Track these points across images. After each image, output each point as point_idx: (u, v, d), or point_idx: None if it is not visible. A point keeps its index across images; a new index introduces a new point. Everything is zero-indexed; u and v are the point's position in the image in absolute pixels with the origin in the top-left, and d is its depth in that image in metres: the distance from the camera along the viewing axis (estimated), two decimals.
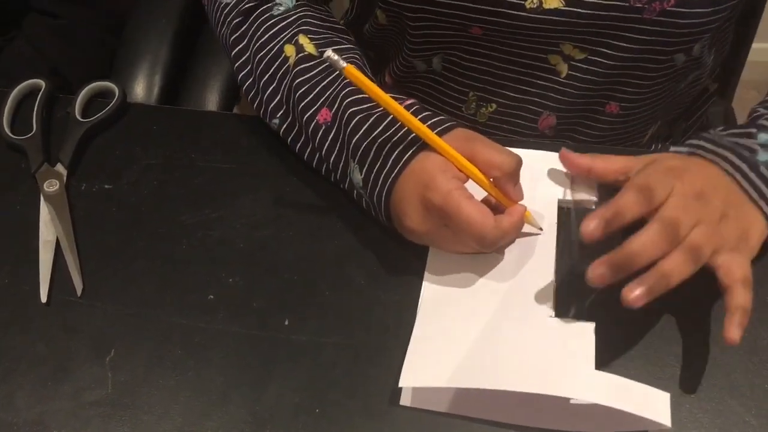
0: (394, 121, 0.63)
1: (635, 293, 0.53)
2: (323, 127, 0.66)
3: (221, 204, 0.69)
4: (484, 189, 0.62)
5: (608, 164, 0.64)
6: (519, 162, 0.61)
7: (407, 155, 0.62)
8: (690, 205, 0.57)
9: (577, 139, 0.81)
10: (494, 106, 0.80)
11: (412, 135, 0.62)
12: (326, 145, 0.66)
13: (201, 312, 0.63)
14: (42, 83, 0.77)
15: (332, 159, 0.66)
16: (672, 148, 0.64)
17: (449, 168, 0.60)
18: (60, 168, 0.72)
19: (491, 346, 0.58)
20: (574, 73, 0.74)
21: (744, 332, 0.54)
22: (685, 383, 0.58)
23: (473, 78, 0.78)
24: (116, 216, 0.69)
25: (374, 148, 0.63)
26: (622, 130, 0.81)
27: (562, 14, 0.69)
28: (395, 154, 0.62)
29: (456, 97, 0.81)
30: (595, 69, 0.74)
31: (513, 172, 0.61)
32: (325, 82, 0.67)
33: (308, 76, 0.68)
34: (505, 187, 0.62)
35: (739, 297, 0.55)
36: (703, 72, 0.81)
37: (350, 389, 0.58)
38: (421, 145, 0.62)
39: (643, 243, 0.54)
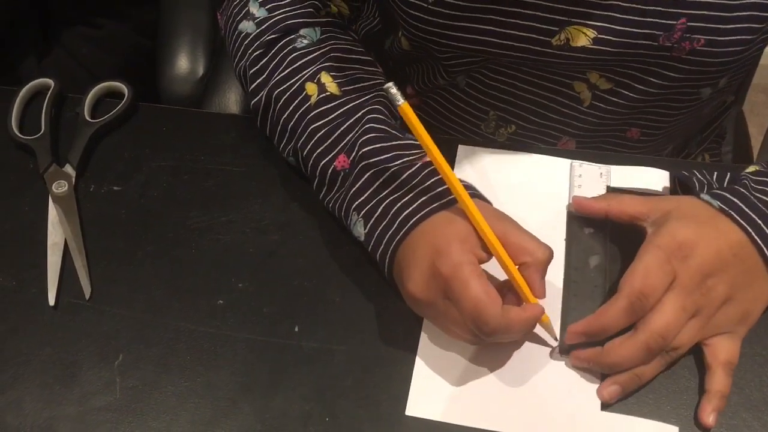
0: (408, 180, 0.60)
1: (609, 390, 0.57)
2: (341, 174, 0.63)
3: (231, 208, 0.69)
4: (507, 273, 0.57)
5: (624, 208, 0.62)
6: (551, 253, 0.57)
7: (415, 218, 0.58)
8: (688, 302, 0.55)
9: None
10: (513, 127, 0.79)
11: (425, 197, 0.59)
12: (341, 190, 0.64)
13: (210, 317, 0.62)
14: (51, 82, 0.77)
15: (345, 206, 0.63)
16: (703, 196, 0.60)
17: (469, 240, 0.56)
18: (69, 169, 0.71)
19: (496, 382, 0.58)
20: (597, 103, 0.73)
21: (719, 416, 0.56)
22: (699, 397, 0.57)
23: (495, 97, 0.77)
24: (125, 218, 0.68)
25: (382, 206, 0.60)
26: (641, 152, 0.80)
27: (589, 52, 0.67)
28: (403, 215, 0.59)
29: (476, 115, 0.80)
30: (619, 101, 0.73)
31: (544, 262, 0.57)
32: (345, 127, 0.64)
33: (329, 119, 0.65)
34: (531, 277, 0.56)
35: (719, 382, 0.57)
36: (727, 96, 0.80)
37: (360, 397, 0.58)
38: (434, 209, 0.58)
39: (626, 356, 0.56)
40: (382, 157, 0.62)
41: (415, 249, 0.57)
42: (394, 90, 0.57)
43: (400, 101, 0.57)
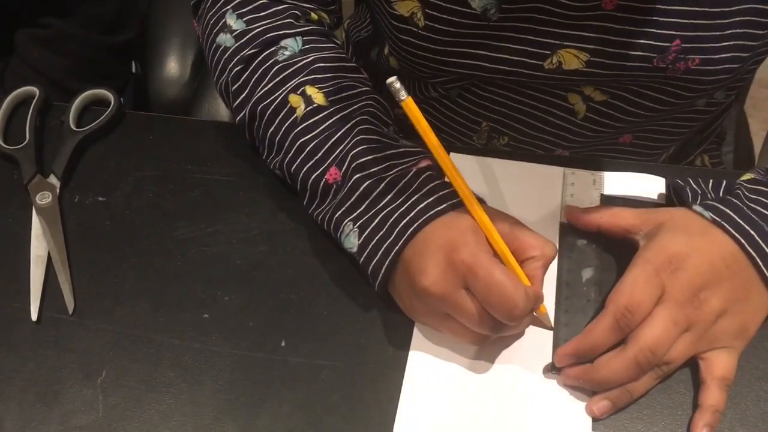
0: (404, 188, 0.59)
1: (599, 406, 0.55)
2: (333, 186, 0.61)
3: (217, 218, 0.68)
4: (508, 267, 0.56)
5: (616, 221, 0.61)
6: (557, 250, 0.58)
7: (417, 223, 0.57)
8: (680, 316, 0.54)
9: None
10: (506, 139, 0.77)
11: (426, 202, 0.57)
12: (332, 203, 0.62)
13: (195, 332, 0.61)
14: (36, 90, 0.75)
15: (337, 218, 0.61)
16: (695, 207, 0.59)
17: (481, 233, 0.55)
18: (53, 179, 0.70)
19: (487, 401, 0.57)
20: (592, 115, 0.72)
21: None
22: (694, 412, 0.56)
23: (488, 108, 0.75)
24: (110, 230, 0.67)
25: (379, 217, 0.59)
26: (635, 156, 0.79)
27: (582, 74, 0.66)
28: (402, 224, 0.57)
29: (468, 126, 0.78)
30: (614, 113, 0.72)
31: (551, 257, 0.57)
32: (335, 139, 0.62)
33: (317, 131, 0.63)
34: (536, 272, 0.56)
35: (713, 397, 0.55)
36: (723, 103, 0.78)
37: (347, 414, 0.57)
38: (441, 210, 0.57)
39: (615, 372, 0.54)
40: (375, 168, 0.60)
41: (425, 247, 0.56)
42: (397, 85, 0.54)
43: (404, 97, 0.54)
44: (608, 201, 0.67)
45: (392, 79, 0.54)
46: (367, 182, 0.60)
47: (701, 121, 0.77)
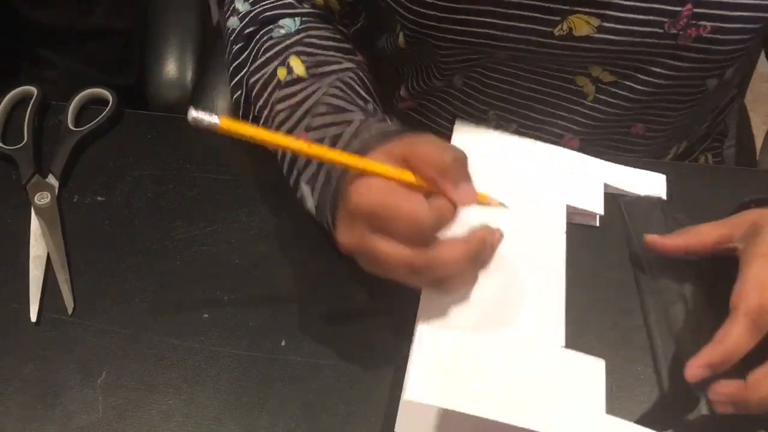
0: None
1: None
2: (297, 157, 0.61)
3: (217, 218, 0.67)
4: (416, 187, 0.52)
5: (702, 238, 0.59)
6: (456, 159, 0.51)
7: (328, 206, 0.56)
8: None
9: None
10: (515, 126, 0.77)
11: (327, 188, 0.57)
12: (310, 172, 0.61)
13: (195, 332, 0.61)
14: (34, 90, 0.75)
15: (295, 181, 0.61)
16: None
17: (371, 176, 0.51)
18: (51, 179, 0.69)
19: (500, 370, 0.55)
20: (601, 96, 0.72)
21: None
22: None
23: (494, 96, 0.75)
24: (109, 230, 0.67)
25: (322, 172, 0.58)
26: (645, 149, 0.78)
27: (592, 41, 0.66)
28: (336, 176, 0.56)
29: (475, 115, 0.78)
30: (625, 93, 0.71)
31: (448, 169, 0.51)
32: (306, 106, 0.62)
33: (292, 102, 0.63)
34: (443, 188, 0.51)
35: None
36: (730, 89, 0.78)
37: (347, 415, 0.56)
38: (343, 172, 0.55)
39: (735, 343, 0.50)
40: (322, 128, 0.60)
41: (336, 205, 0.55)
42: (195, 114, 0.45)
43: (215, 121, 0.46)
44: (609, 197, 0.66)
45: (189, 109, 0.46)
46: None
47: (712, 110, 0.77)
